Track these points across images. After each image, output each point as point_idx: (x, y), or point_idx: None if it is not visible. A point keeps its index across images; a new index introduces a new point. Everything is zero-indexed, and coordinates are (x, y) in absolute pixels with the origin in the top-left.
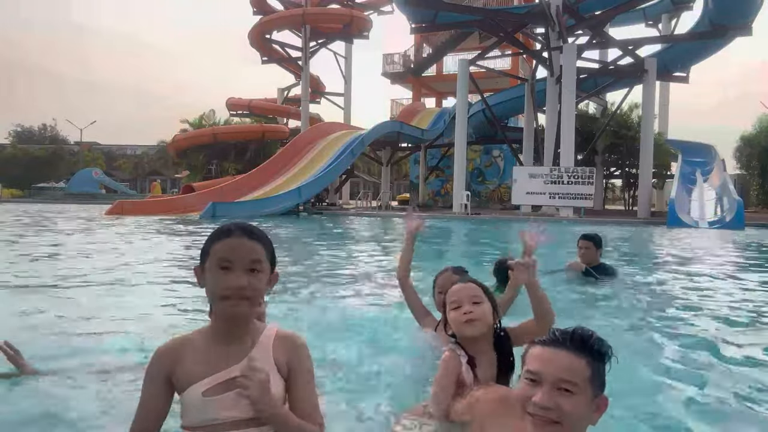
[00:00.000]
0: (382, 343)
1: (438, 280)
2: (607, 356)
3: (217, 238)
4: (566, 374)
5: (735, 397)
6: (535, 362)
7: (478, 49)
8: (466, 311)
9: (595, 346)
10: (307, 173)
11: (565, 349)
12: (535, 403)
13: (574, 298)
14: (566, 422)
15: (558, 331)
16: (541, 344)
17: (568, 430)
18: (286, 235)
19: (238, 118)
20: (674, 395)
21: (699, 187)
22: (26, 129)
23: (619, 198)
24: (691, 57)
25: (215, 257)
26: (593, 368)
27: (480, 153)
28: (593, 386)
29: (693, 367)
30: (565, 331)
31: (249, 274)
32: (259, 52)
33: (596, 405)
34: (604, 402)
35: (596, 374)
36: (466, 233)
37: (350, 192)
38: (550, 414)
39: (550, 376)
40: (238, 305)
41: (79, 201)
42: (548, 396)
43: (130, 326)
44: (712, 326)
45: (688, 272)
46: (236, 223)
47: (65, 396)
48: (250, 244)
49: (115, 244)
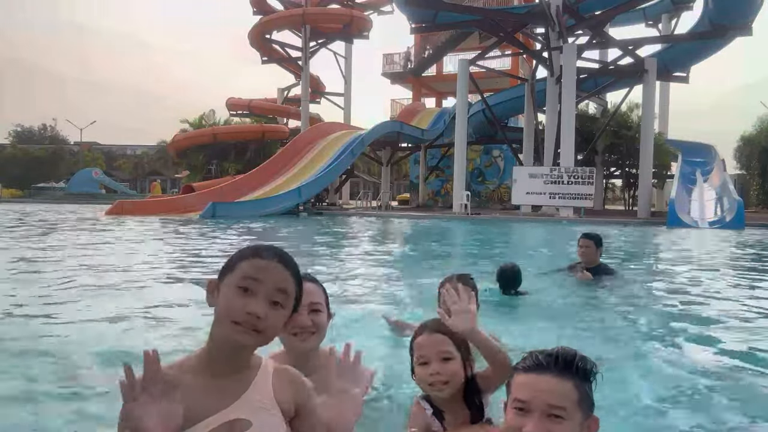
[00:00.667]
0: (381, 343)
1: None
2: (592, 374)
3: (247, 256)
4: (555, 400)
5: (735, 397)
6: (521, 391)
7: (478, 49)
8: (433, 372)
9: (580, 365)
10: (307, 173)
11: (549, 373)
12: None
13: (574, 299)
14: None
15: (540, 354)
16: (525, 371)
17: None
18: (285, 235)
19: (238, 118)
20: (674, 395)
21: (699, 187)
22: (26, 129)
23: (619, 198)
24: (691, 57)
25: (238, 275)
26: (580, 390)
27: (480, 153)
28: (582, 409)
29: (693, 366)
30: (548, 353)
31: (270, 306)
32: (259, 52)
33: (588, 428)
34: (595, 423)
35: (584, 396)
36: (466, 233)
37: (350, 192)
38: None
39: (539, 403)
40: (245, 334)
41: (79, 201)
42: (539, 425)
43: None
44: (712, 326)
45: (688, 272)
46: (272, 247)
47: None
48: (283, 272)
49: (114, 244)
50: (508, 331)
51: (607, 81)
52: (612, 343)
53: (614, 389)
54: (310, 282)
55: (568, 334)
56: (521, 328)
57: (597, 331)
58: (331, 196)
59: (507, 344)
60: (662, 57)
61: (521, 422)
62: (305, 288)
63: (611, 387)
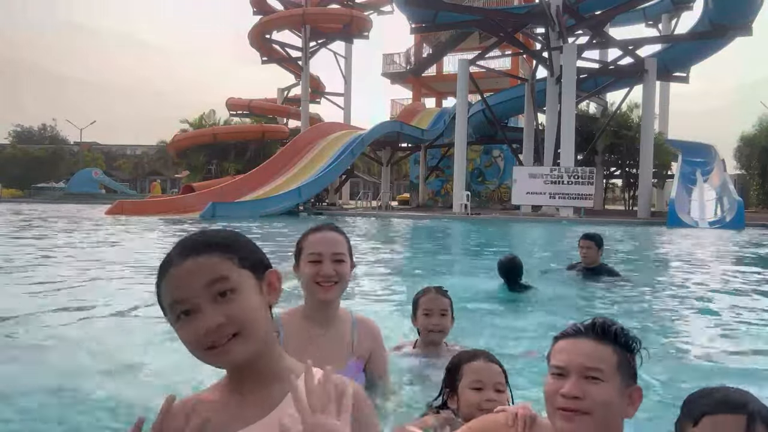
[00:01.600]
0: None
1: (422, 301)
2: (633, 346)
3: None
4: (592, 362)
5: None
6: (559, 355)
7: (478, 49)
8: (489, 398)
9: (619, 334)
10: (307, 173)
11: (587, 338)
12: (563, 394)
13: (574, 299)
14: (597, 412)
15: (579, 323)
16: (564, 337)
17: (600, 422)
18: (285, 235)
19: (238, 118)
20: (673, 395)
21: (699, 187)
22: (26, 129)
23: (619, 198)
24: (691, 57)
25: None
26: (619, 356)
27: (480, 153)
28: (621, 374)
29: (692, 367)
30: (588, 321)
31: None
32: (259, 52)
33: (629, 396)
34: (638, 393)
35: (624, 362)
36: (466, 233)
37: (350, 192)
38: (580, 404)
39: (575, 365)
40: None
41: (78, 201)
42: (576, 385)
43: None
44: (713, 326)
45: (689, 272)
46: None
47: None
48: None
49: (113, 244)
50: (509, 330)
51: (607, 81)
52: None
53: None
54: (334, 231)
55: None
56: (522, 329)
57: None
58: (331, 196)
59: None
60: (662, 57)
61: (559, 385)
62: (329, 237)
63: None
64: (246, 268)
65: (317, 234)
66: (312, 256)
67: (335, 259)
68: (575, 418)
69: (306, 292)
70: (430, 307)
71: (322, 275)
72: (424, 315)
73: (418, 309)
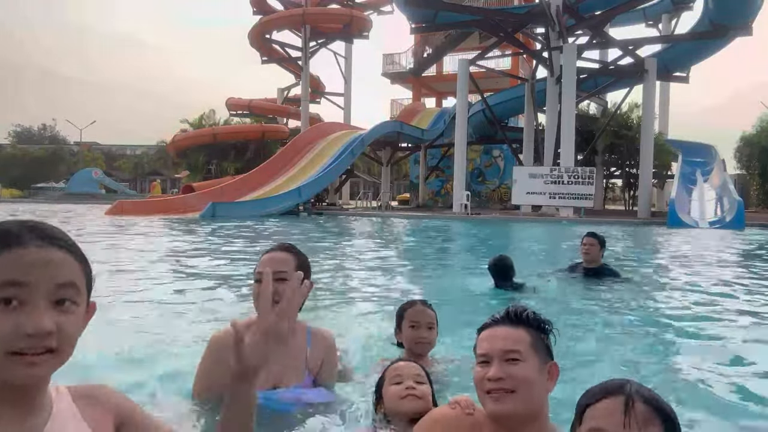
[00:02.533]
0: (379, 339)
1: (408, 313)
2: (545, 327)
3: None
4: (509, 345)
5: (735, 397)
6: (482, 344)
7: (478, 49)
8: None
9: (531, 318)
10: (307, 173)
11: (504, 325)
12: (488, 378)
13: (574, 299)
14: (521, 389)
15: (496, 313)
16: (485, 328)
17: (525, 397)
18: (285, 235)
19: (238, 118)
20: (674, 395)
21: (699, 187)
22: (26, 129)
23: (619, 198)
24: (691, 57)
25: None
26: (533, 336)
27: (480, 153)
28: (538, 353)
29: (691, 368)
30: (501, 311)
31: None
32: (259, 52)
33: (548, 372)
34: (555, 368)
35: (538, 342)
36: (466, 234)
37: (350, 192)
38: (504, 384)
39: (496, 350)
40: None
41: (78, 201)
42: (499, 368)
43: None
44: (713, 327)
45: (689, 273)
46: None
47: None
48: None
49: (113, 244)
50: None
51: (607, 81)
52: (612, 343)
53: None
54: (283, 251)
55: (568, 334)
56: None
57: (597, 331)
58: (331, 196)
59: None
60: (662, 57)
61: (485, 372)
62: (275, 257)
63: None
64: (87, 289)
65: (267, 255)
66: (257, 275)
67: (277, 278)
68: (502, 398)
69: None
70: (417, 320)
71: None
72: (410, 327)
73: (404, 321)
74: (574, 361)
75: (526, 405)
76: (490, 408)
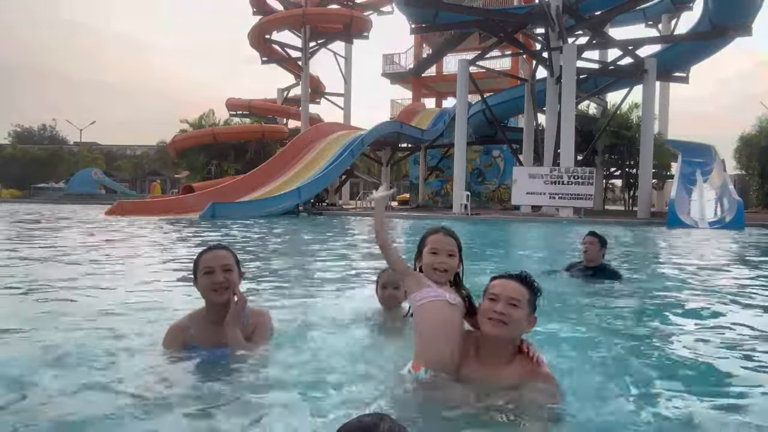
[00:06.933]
0: (374, 342)
1: (430, 239)
2: (538, 291)
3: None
4: (515, 294)
5: (735, 397)
6: (494, 288)
7: (478, 49)
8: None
9: (532, 283)
10: (306, 173)
11: (514, 280)
12: (494, 310)
13: (574, 299)
14: (512, 324)
15: (509, 272)
16: (499, 278)
17: (512, 330)
18: (285, 235)
19: (238, 119)
20: (671, 396)
21: (699, 188)
22: (26, 129)
23: (619, 198)
24: (691, 57)
25: None
26: (530, 295)
27: (480, 153)
28: (530, 306)
29: (691, 368)
30: (514, 271)
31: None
32: (259, 52)
33: (530, 320)
34: (534, 320)
35: (532, 300)
36: (466, 234)
37: (350, 192)
38: (503, 318)
39: (505, 295)
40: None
41: (78, 201)
42: (504, 306)
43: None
44: (713, 327)
45: (689, 273)
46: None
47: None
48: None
49: (112, 245)
50: None
51: (607, 81)
52: (610, 343)
53: (615, 388)
54: (223, 249)
55: (567, 334)
56: None
57: (597, 331)
58: (331, 197)
59: None
60: (662, 57)
61: (492, 305)
62: (218, 254)
63: (612, 386)
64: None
65: (210, 253)
66: (206, 269)
67: (225, 269)
68: (498, 325)
69: (204, 299)
70: (437, 246)
71: (215, 283)
72: (431, 253)
73: (425, 246)
74: (573, 360)
75: (510, 334)
76: (487, 329)
